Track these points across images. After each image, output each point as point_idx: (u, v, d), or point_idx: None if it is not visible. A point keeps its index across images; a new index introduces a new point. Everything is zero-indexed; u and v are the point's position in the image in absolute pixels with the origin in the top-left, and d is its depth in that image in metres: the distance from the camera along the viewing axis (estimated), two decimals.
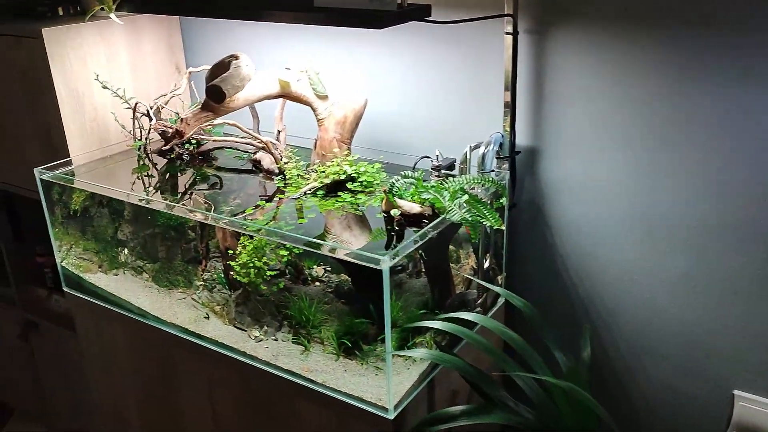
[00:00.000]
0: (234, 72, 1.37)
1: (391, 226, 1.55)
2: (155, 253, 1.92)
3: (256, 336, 1.66)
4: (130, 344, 1.91)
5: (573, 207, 1.72)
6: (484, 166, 1.68)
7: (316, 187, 1.71)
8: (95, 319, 1.97)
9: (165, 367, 1.85)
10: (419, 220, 1.53)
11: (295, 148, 1.91)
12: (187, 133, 1.59)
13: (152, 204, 1.78)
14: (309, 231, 1.58)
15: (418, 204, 1.53)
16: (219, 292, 1.81)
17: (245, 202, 1.76)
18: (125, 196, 1.83)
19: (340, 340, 1.58)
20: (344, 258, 1.40)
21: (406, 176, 1.51)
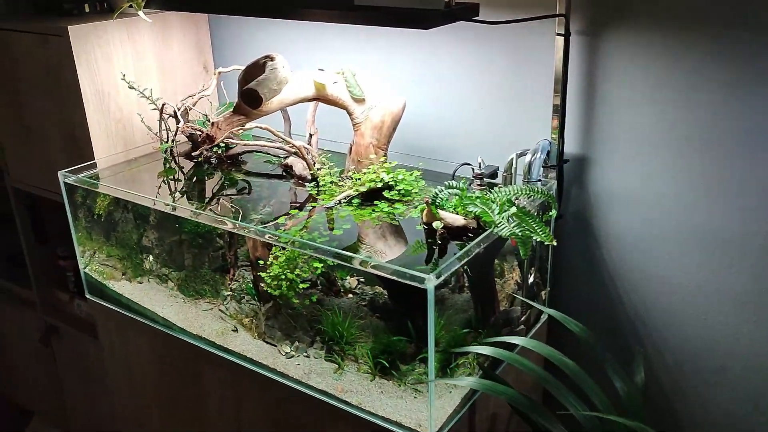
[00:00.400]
0: (270, 74, 1.29)
1: (432, 239, 1.45)
2: (181, 261, 1.84)
3: (287, 352, 1.58)
4: (154, 355, 1.84)
5: (623, 219, 1.62)
6: (530, 176, 1.59)
7: (351, 195, 1.62)
8: (119, 328, 1.90)
9: (190, 380, 1.77)
10: (463, 233, 1.43)
11: (328, 153, 1.83)
12: (218, 138, 1.51)
13: (179, 211, 1.71)
14: (342, 241, 1.50)
15: (461, 216, 1.44)
16: (247, 303, 1.73)
17: (276, 209, 1.68)
18: (151, 203, 1.76)
19: (376, 359, 1.49)
20: (386, 275, 1.31)
21: (450, 186, 1.41)
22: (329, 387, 1.48)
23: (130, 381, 1.98)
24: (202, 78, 2.19)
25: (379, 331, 1.58)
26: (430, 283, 1.22)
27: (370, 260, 1.36)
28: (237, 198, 1.78)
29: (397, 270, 1.26)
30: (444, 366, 1.42)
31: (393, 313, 1.63)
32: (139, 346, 1.86)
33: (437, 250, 1.42)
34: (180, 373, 1.79)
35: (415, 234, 1.50)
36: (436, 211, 1.40)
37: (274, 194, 1.78)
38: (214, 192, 1.83)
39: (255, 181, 1.85)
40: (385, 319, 1.63)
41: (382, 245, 1.52)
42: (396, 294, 1.60)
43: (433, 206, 1.40)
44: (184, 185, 1.88)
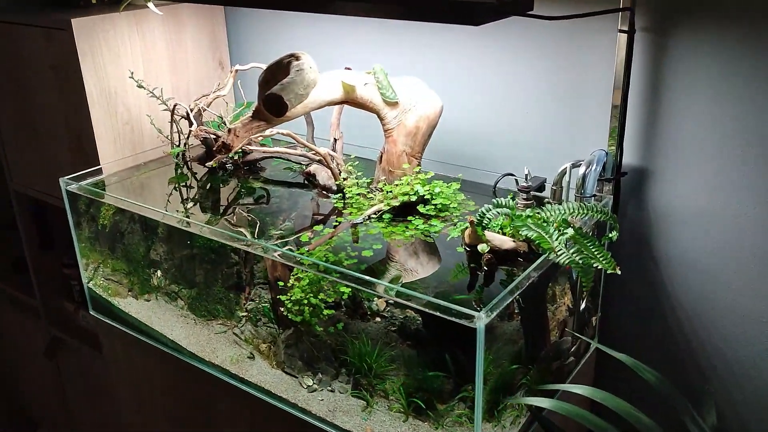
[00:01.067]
0: (296, 77, 1.11)
1: (475, 264, 1.28)
2: (192, 277, 1.68)
3: (309, 385, 1.41)
4: (163, 378, 1.68)
5: (686, 240, 1.44)
6: (584, 190, 1.41)
7: (382, 210, 1.45)
8: (125, 346, 1.75)
9: (202, 407, 1.62)
10: (511, 257, 1.26)
11: (355, 161, 1.65)
12: (235, 146, 1.35)
13: (191, 227, 1.54)
14: (370, 257, 1.33)
15: (509, 238, 1.26)
16: (264, 326, 1.57)
17: (297, 223, 1.52)
18: (159, 216, 1.59)
19: (410, 398, 1.32)
20: (428, 311, 1.14)
21: (499, 205, 1.24)
22: (356, 427, 1.32)
23: (137, 399, 1.82)
24: (217, 76, 2.02)
25: (412, 363, 1.41)
26: (481, 322, 1.05)
27: (409, 292, 1.18)
28: (254, 209, 1.61)
29: (441, 305, 1.09)
30: (490, 408, 1.25)
31: (428, 342, 1.47)
32: (146, 367, 1.71)
33: (482, 277, 1.25)
34: (191, 399, 1.64)
35: (454, 256, 1.33)
36: (482, 233, 1.23)
37: (295, 206, 1.61)
38: (229, 202, 1.66)
39: (274, 191, 1.69)
40: (419, 349, 1.46)
41: (418, 269, 1.35)
42: (432, 322, 1.44)
43: (479, 228, 1.23)
44: (197, 194, 1.71)
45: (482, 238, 1.24)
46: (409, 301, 1.16)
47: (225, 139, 1.33)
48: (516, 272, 1.23)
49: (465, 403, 1.32)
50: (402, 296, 1.16)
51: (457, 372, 1.34)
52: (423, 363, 1.40)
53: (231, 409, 1.53)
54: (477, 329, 1.05)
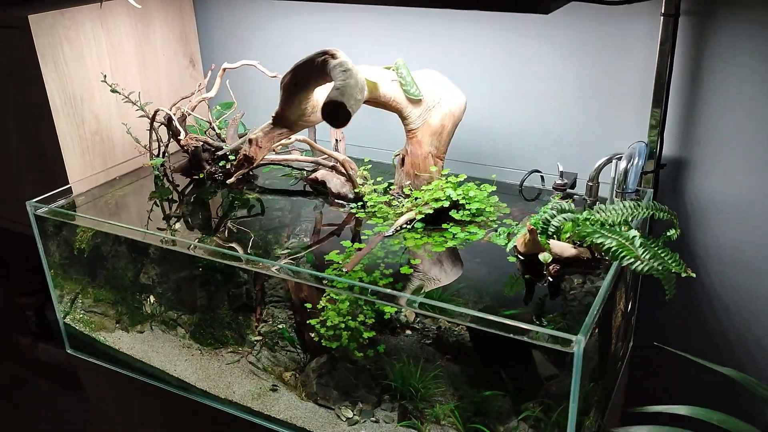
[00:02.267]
0: (349, 80, 0.95)
1: (532, 274, 1.18)
2: (192, 300, 1.50)
3: (349, 417, 1.28)
4: (169, 422, 1.50)
5: (725, 232, 1.39)
6: (625, 185, 1.33)
7: (413, 218, 1.32)
8: (117, 390, 1.54)
9: None
10: (572, 265, 1.16)
11: (368, 164, 1.52)
12: (259, 157, 1.19)
13: (196, 249, 1.36)
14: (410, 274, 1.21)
15: (569, 245, 1.17)
16: (284, 350, 1.42)
17: (315, 238, 1.37)
18: (143, 236, 1.41)
19: (469, 424, 1.21)
20: (517, 337, 1.02)
21: (563, 210, 1.14)
22: None
23: None
24: (189, 74, 1.83)
25: (459, 382, 1.30)
26: (579, 346, 0.94)
27: (493, 318, 1.05)
28: (261, 223, 1.45)
29: (532, 330, 0.98)
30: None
31: (474, 356, 1.36)
32: (146, 410, 1.52)
33: (548, 289, 1.15)
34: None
35: (501, 266, 1.22)
36: (546, 243, 1.13)
37: (305, 218, 1.46)
38: (229, 217, 1.49)
39: (277, 202, 1.53)
40: (464, 365, 1.35)
41: (437, 270, 1.23)
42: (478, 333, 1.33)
43: (542, 237, 1.13)
44: (188, 209, 1.53)
45: (546, 247, 1.14)
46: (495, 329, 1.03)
47: (247, 151, 1.16)
48: (586, 283, 1.14)
49: (526, 422, 1.23)
50: (482, 322, 1.04)
51: (516, 389, 1.25)
52: (473, 381, 1.30)
53: None
54: (575, 354, 0.95)
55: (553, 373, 1.32)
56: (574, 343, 0.94)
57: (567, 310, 1.09)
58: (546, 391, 1.25)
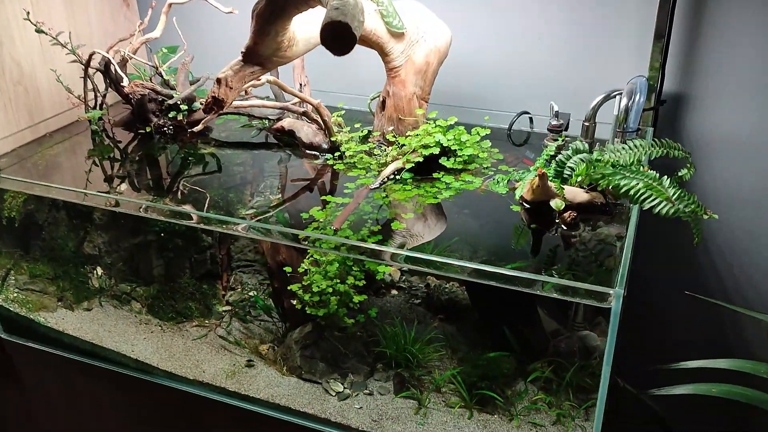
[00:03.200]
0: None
1: (541, 223, 1.06)
2: (148, 270, 1.33)
3: (339, 391, 1.15)
4: (129, 411, 1.32)
5: (725, 171, 1.31)
6: (626, 124, 1.23)
7: (400, 168, 1.19)
8: (63, 379, 1.35)
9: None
10: (585, 211, 1.06)
11: (342, 111, 1.36)
12: (230, 100, 1.01)
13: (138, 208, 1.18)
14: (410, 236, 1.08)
15: (581, 189, 1.06)
16: (257, 319, 1.27)
17: (289, 194, 1.22)
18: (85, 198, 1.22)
19: (474, 390, 1.10)
20: (554, 296, 0.90)
21: (578, 151, 1.02)
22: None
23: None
24: (122, 15, 1.60)
25: (458, 343, 1.19)
26: (618, 300, 0.84)
27: (532, 276, 0.92)
28: (226, 180, 1.28)
29: (569, 286, 0.86)
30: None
31: (469, 312, 1.25)
32: (100, 401, 1.34)
33: (561, 238, 1.03)
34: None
35: (504, 216, 1.10)
36: (560, 187, 1.01)
37: (271, 173, 1.30)
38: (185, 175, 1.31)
39: (237, 157, 1.36)
40: (458, 323, 1.24)
41: (421, 226, 1.10)
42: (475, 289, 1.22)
43: (556, 181, 1.01)
44: (138, 168, 1.34)
45: (560, 192, 1.02)
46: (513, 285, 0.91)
47: (216, 93, 0.98)
48: (599, 230, 1.04)
49: (535, 383, 1.13)
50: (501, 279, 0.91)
51: (523, 349, 1.14)
52: (473, 342, 1.19)
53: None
54: (612, 310, 0.84)
55: (557, 328, 1.22)
56: (612, 296, 0.83)
57: (586, 262, 0.99)
58: (556, 348, 1.15)
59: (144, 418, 1.29)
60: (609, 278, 0.90)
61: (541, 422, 1.08)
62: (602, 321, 1.25)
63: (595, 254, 0.99)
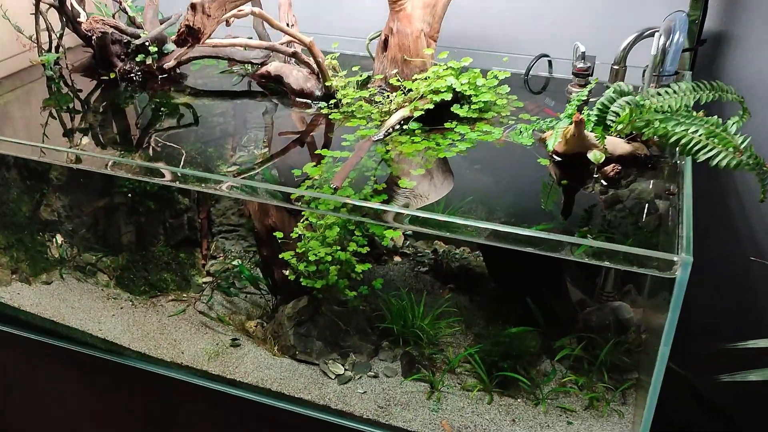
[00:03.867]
0: None
1: (570, 181, 0.91)
2: (116, 237, 1.16)
3: (340, 374, 1.00)
4: (100, 399, 1.16)
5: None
6: (662, 68, 1.07)
7: (406, 117, 1.02)
8: (20, 361, 1.19)
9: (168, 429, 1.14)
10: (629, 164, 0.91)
11: (335, 53, 1.18)
12: (208, 31, 0.84)
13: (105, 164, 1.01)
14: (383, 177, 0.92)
15: (621, 140, 0.91)
16: (243, 292, 1.11)
17: (279, 148, 1.05)
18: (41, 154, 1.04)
19: (495, 371, 0.96)
20: (593, 263, 0.74)
21: (624, 92, 0.87)
22: (428, 425, 0.94)
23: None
24: None
25: (473, 317, 1.05)
26: (685, 269, 0.69)
27: (593, 243, 0.77)
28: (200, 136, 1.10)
29: (625, 253, 0.71)
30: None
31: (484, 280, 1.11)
32: (62, 386, 1.18)
33: (600, 195, 0.88)
34: (151, 422, 1.15)
35: (530, 171, 0.95)
36: (602, 136, 0.86)
37: (256, 125, 1.13)
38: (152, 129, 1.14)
39: (216, 107, 1.18)
40: (473, 295, 1.09)
41: (427, 185, 0.94)
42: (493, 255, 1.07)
43: (598, 129, 0.86)
44: (96, 120, 1.16)
45: (601, 142, 0.87)
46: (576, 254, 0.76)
47: (191, 22, 0.81)
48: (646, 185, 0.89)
49: (564, 364, 1.00)
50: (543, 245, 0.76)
51: (549, 323, 1.00)
52: (490, 315, 1.05)
53: (217, 427, 1.07)
54: (677, 280, 0.70)
55: (581, 299, 1.09)
56: (678, 264, 0.69)
57: (632, 224, 0.84)
58: (586, 322, 1.02)
59: (114, 405, 1.14)
60: (667, 243, 0.75)
61: (572, 407, 0.95)
62: (632, 290, 1.12)
63: (642, 215, 0.84)
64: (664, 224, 0.82)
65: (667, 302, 0.71)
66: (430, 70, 1.05)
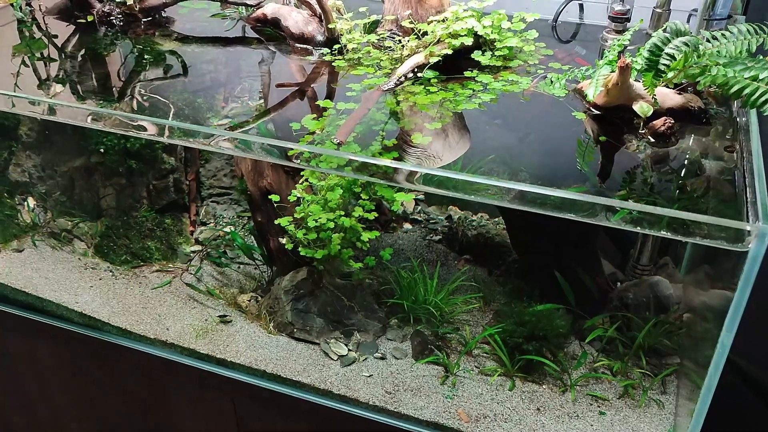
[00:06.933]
0: None
1: (611, 138, 0.79)
2: (94, 201, 1.04)
3: (343, 355, 0.89)
4: (78, 378, 1.06)
5: None
6: (712, 12, 0.94)
7: (421, 64, 0.90)
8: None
9: (151, 412, 1.03)
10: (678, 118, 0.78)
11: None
12: None
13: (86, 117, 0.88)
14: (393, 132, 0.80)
15: (671, 90, 0.78)
16: (235, 262, 1.00)
17: (275, 99, 0.92)
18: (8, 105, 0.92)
19: (517, 354, 0.85)
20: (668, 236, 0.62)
21: (677, 31, 0.74)
22: (441, 414, 0.83)
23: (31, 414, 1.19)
24: None
25: (492, 292, 0.94)
26: (762, 241, 0.57)
27: (654, 209, 0.64)
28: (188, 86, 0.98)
29: (692, 221, 0.59)
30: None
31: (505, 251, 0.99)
32: (35, 363, 1.07)
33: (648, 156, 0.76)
34: (134, 404, 1.04)
35: (564, 126, 0.82)
36: (651, 84, 0.73)
37: (250, 74, 1.00)
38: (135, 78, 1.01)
39: (207, 53, 1.06)
40: (489, 265, 0.98)
41: (440, 145, 0.82)
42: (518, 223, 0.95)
43: (647, 75, 0.73)
44: (72, 68, 1.03)
45: (650, 91, 0.74)
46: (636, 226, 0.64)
47: None
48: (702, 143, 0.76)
49: (596, 347, 0.88)
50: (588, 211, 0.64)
51: (579, 301, 0.89)
52: (512, 291, 0.93)
53: (204, 410, 0.97)
54: (751, 254, 0.58)
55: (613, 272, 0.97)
56: (753, 235, 0.57)
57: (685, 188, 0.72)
58: (621, 300, 0.90)
59: (95, 384, 1.03)
60: (735, 211, 0.63)
61: (604, 395, 0.84)
62: (669, 263, 1.00)
63: (701, 178, 0.72)
64: (725, 189, 0.69)
65: (727, 279, 0.60)
66: (448, 11, 0.92)
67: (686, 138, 0.77)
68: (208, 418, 0.96)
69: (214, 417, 0.95)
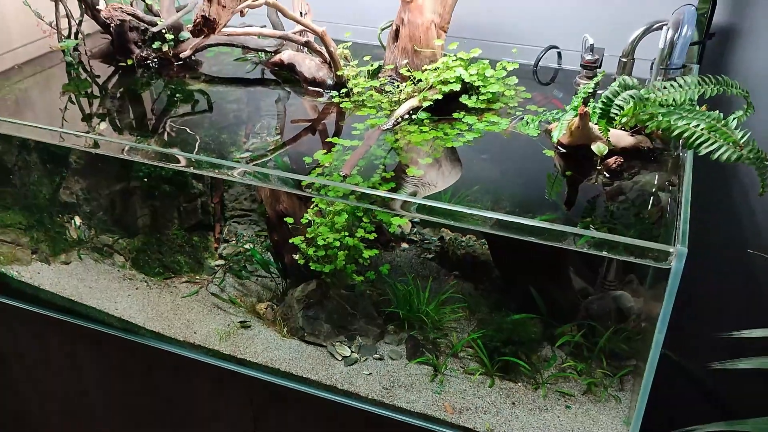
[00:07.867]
0: None
1: (574, 172, 0.93)
2: (132, 220, 1.20)
3: (346, 356, 1.03)
4: (115, 376, 1.21)
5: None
6: (670, 61, 1.09)
7: (416, 107, 1.05)
8: (39, 338, 1.23)
9: (180, 405, 1.18)
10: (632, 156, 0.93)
11: (347, 42, 1.21)
12: (223, 21, 0.86)
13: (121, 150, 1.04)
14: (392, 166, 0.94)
15: (625, 133, 0.93)
16: (254, 275, 1.15)
17: (289, 135, 1.08)
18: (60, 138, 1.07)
19: (496, 356, 0.99)
20: (592, 252, 0.77)
21: (628, 86, 0.88)
22: (430, 407, 0.97)
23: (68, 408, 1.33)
24: None
25: (476, 303, 1.08)
26: (680, 260, 0.71)
27: (591, 233, 0.80)
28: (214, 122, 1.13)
29: (621, 243, 0.74)
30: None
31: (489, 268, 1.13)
32: (80, 362, 1.22)
33: (603, 187, 0.91)
34: (160, 396, 1.19)
35: (536, 162, 0.97)
36: (605, 128, 0.88)
37: (268, 112, 1.16)
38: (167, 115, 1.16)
39: (230, 94, 1.21)
40: (475, 280, 1.12)
41: (434, 174, 0.96)
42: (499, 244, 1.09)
43: (602, 122, 0.88)
44: (113, 105, 1.19)
45: (605, 134, 0.89)
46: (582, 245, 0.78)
47: (206, 12, 0.84)
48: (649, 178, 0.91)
49: (564, 351, 1.02)
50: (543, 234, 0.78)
51: (551, 311, 1.03)
52: (494, 302, 1.07)
53: (225, 403, 1.11)
54: (672, 270, 0.72)
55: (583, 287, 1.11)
56: (673, 255, 0.71)
57: (632, 215, 0.86)
58: (587, 310, 1.04)
59: (128, 381, 1.18)
60: (665, 234, 0.77)
61: (570, 391, 0.98)
62: (634, 279, 1.14)
63: (643, 207, 0.86)
64: (664, 216, 0.83)
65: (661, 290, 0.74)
66: (439, 61, 1.07)
67: (637, 173, 0.91)
68: (230, 411, 1.10)
69: (235, 409, 1.10)
